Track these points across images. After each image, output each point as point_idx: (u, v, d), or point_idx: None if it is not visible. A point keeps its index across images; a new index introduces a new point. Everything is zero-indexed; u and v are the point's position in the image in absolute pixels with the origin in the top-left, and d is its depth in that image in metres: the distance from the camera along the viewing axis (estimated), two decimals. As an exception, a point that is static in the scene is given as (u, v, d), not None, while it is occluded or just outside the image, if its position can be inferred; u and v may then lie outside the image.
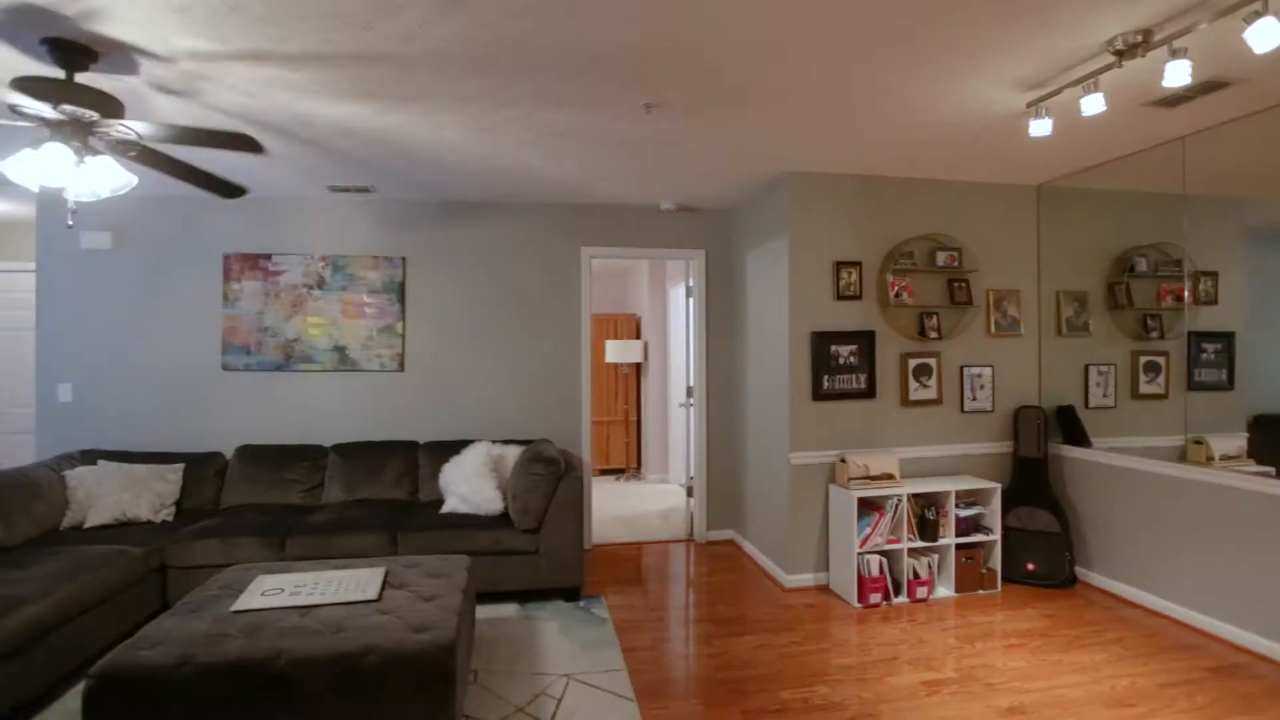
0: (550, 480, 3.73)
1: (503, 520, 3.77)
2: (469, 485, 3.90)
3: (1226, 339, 3.32)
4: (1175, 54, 2.24)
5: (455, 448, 4.38)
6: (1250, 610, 3.13)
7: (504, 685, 2.81)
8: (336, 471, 4.23)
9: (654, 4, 2.08)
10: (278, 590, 2.61)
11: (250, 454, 4.22)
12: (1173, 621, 3.44)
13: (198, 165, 3.23)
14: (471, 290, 4.72)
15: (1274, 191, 3.08)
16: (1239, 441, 3.23)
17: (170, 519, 3.84)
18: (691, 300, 5.09)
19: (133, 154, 2.60)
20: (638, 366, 7.77)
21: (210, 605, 2.50)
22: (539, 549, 3.71)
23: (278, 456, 4.23)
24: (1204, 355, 3.41)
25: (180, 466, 4.08)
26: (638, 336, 7.77)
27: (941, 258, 4.11)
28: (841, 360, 3.98)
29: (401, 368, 4.62)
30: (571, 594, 3.80)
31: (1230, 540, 3.22)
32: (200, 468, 4.15)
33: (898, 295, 4.03)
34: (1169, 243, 3.56)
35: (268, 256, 4.49)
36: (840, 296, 4.00)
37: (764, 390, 4.34)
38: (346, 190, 4.33)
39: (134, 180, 2.50)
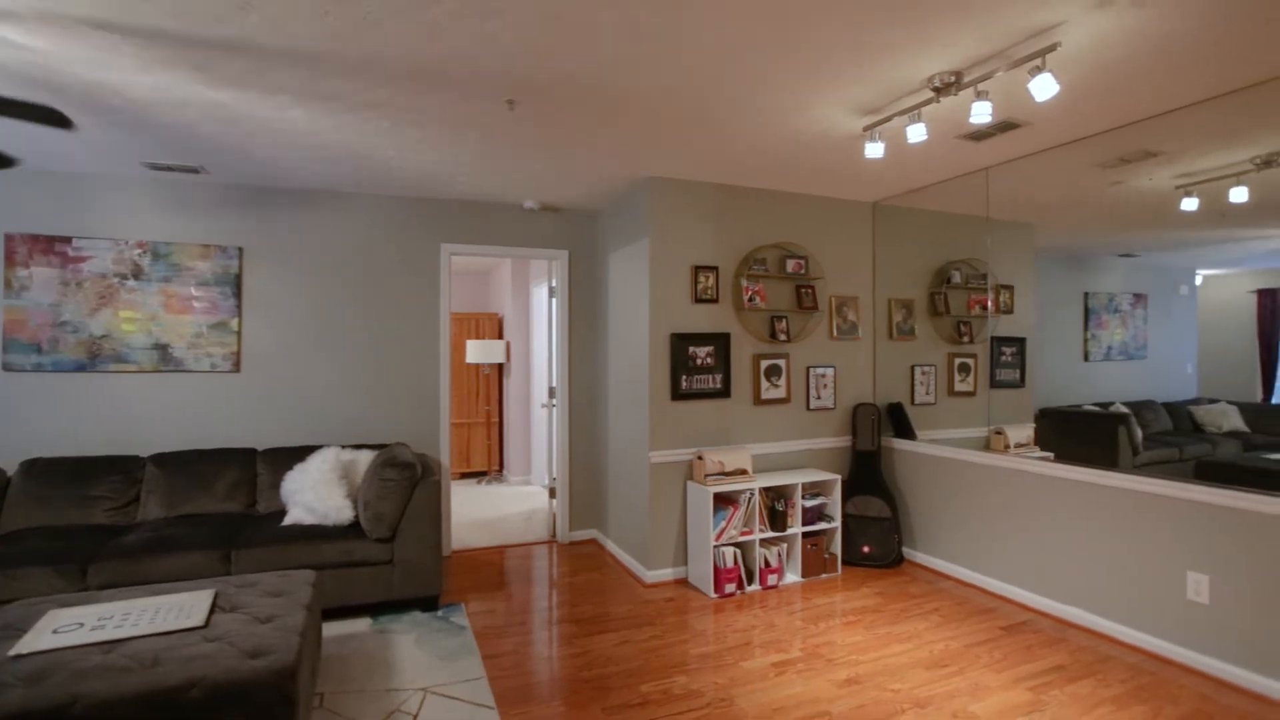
0: (405, 485, 3.56)
1: (353, 530, 3.55)
2: (315, 494, 3.62)
3: (1020, 343, 3.85)
4: (980, 95, 2.57)
5: (300, 454, 4.06)
6: (1033, 575, 3.66)
7: (354, 706, 2.64)
8: (155, 485, 3.76)
9: (515, 4, 2.06)
10: (74, 626, 2.28)
11: (41, 468, 3.64)
12: (978, 590, 3.93)
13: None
14: (320, 285, 4.39)
15: (1053, 219, 3.62)
16: (1029, 431, 3.76)
17: (-69, 549, 3.22)
18: (554, 301, 5.07)
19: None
20: (500, 367, 7.61)
21: (-14, 648, 2.13)
22: (393, 558, 3.53)
23: (79, 470, 3.68)
24: (1003, 357, 3.93)
25: (-55, 486, 3.44)
26: (500, 336, 7.62)
27: (791, 265, 4.40)
28: (699, 361, 4.15)
29: (237, 368, 4.20)
30: (429, 603, 3.65)
31: (1018, 516, 3.74)
32: (-27, 486, 3.52)
33: (751, 299, 4.27)
34: (977, 259, 4.07)
35: (67, 240, 3.90)
36: (698, 299, 4.17)
37: (625, 390, 4.43)
38: (170, 170, 3.86)
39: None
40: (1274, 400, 2.80)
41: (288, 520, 3.60)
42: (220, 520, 3.65)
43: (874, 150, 3.12)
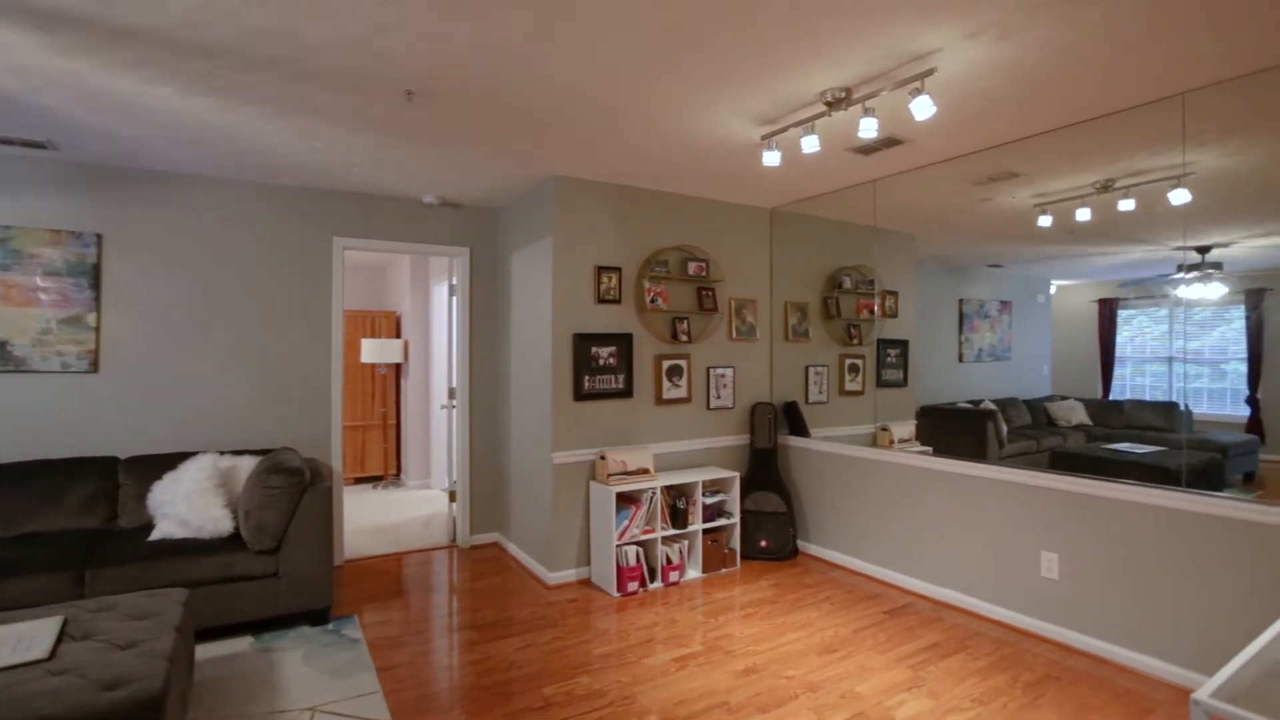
0: (292, 493, 3.35)
1: (233, 542, 3.30)
2: (189, 505, 3.34)
3: (903, 346, 4.12)
4: (867, 112, 2.72)
5: (171, 462, 3.73)
6: (913, 561, 3.93)
7: (231, 732, 2.46)
8: (-9, 500, 3.34)
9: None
10: (-111, 663, 1.99)
11: None
12: (866, 577, 4.18)
13: None
14: (195, 277, 4.04)
15: (932, 230, 3.91)
16: (910, 427, 4.03)
17: None
18: (455, 299, 4.93)
19: None
20: (398, 367, 7.31)
21: None
22: (279, 570, 3.32)
23: (-107, 485, 3.21)
24: (888, 359, 4.19)
25: None
26: (398, 335, 7.32)
27: (692, 267, 4.50)
28: (602, 361, 4.17)
29: (95, 367, 3.79)
30: (319, 617, 3.46)
31: (901, 506, 4.00)
32: None
33: (653, 300, 4.33)
34: (865, 265, 4.32)
35: (-124, 221, 3.39)
36: (601, 300, 4.18)
37: (527, 391, 4.37)
38: (8, 143, 3.44)
39: None
40: (1111, 397, 3.15)
41: (156, 534, 3.30)
42: (72, 538, 3.29)
43: (771, 159, 3.24)
